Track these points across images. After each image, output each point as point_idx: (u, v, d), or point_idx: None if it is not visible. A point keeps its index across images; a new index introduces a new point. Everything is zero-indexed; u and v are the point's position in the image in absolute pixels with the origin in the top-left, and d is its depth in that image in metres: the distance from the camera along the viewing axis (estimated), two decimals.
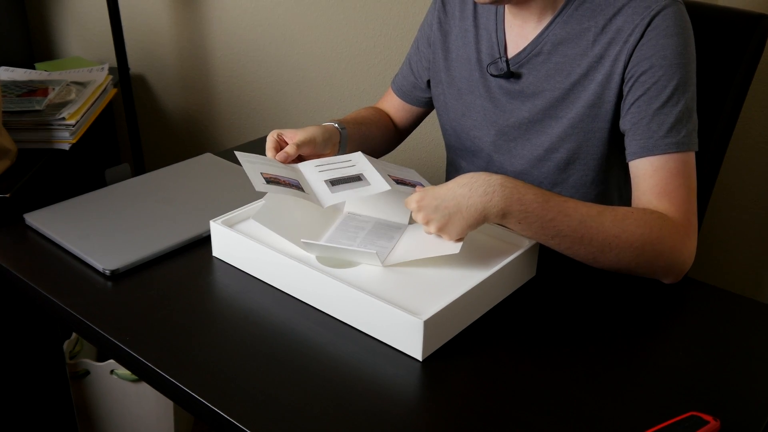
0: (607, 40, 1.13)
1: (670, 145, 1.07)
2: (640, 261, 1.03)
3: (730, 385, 0.88)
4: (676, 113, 1.08)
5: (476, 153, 1.31)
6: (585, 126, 1.17)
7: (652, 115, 1.09)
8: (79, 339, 1.70)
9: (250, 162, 1.09)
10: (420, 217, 1.02)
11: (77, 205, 1.23)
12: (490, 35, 1.25)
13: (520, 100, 1.22)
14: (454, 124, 1.33)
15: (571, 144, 1.19)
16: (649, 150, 1.08)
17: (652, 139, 1.08)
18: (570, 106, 1.17)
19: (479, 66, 1.27)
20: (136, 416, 1.68)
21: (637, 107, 1.10)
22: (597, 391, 0.86)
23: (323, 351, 0.92)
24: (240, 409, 0.82)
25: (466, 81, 1.29)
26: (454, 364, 0.90)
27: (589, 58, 1.15)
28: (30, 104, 1.60)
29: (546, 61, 1.19)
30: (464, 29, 1.29)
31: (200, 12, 2.14)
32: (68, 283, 1.06)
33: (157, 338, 0.94)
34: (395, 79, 1.46)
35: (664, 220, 1.04)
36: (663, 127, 1.08)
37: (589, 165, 1.21)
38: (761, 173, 1.68)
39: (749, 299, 1.06)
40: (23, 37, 2.20)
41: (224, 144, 2.30)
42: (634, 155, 1.10)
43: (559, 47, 1.17)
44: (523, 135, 1.23)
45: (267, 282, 1.05)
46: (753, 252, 1.75)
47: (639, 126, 1.10)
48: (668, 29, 1.08)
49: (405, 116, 1.46)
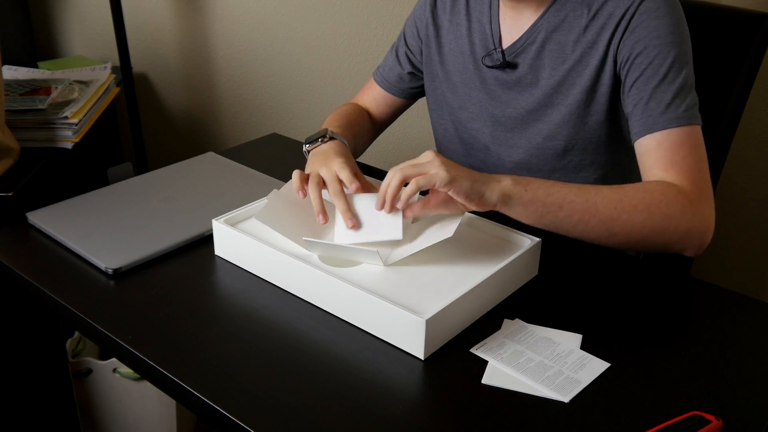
0: (600, 25, 1.14)
1: (670, 120, 1.09)
2: (654, 225, 1.03)
3: (732, 384, 0.88)
4: (674, 89, 1.10)
5: (473, 145, 1.31)
6: (582, 112, 1.18)
7: (650, 93, 1.10)
8: (81, 337, 1.71)
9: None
10: (437, 162, 0.98)
11: (80, 203, 1.23)
12: (484, 27, 1.26)
13: (516, 90, 1.23)
14: (452, 118, 1.33)
15: (569, 131, 1.20)
16: (649, 127, 1.10)
17: (651, 117, 1.10)
18: (566, 93, 1.18)
19: (473, 59, 1.27)
20: (138, 415, 1.68)
21: (636, 89, 1.12)
22: (599, 391, 0.86)
23: (325, 349, 0.92)
24: (242, 408, 0.82)
25: (460, 74, 1.30)
26: (456, 363, 0.90)
27: (582, 44, 1.16)
28: (33, 103, 1.61)
29: (541, 50, 1.20)
30: (456, 23, 1.30)
31: (203, 11, 2.15)
32: (71, 281, 1.06)
33: (159, 337, 0.94)
34: (378, 70, 1.44)
35: (668, 186, 1.06)
36: (662, 103, 1.10)
37: (588, 149, 1.21)
38: (764, 172, 1.67)
39: (752, 299, 1.06)
40: (26, 36, 2.20)
41: (227, 143, 2.30)
42: (637, 135, 1.12)
43: (553, 35, 1.18)
44: (521, 125, 1.24)
45: (269, 281, 1.05)
46: (756, 251, 1.75)
47: (639, 106, 1.12)
48: (658, 10, 1.11)
49: (385, 109, 1.44)
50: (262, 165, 1.38)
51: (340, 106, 1.42)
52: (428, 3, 1.34)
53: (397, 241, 1.05)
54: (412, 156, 1.02)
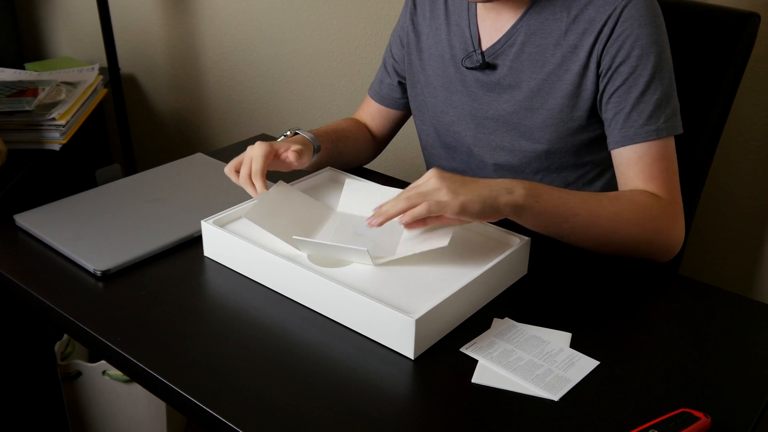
0: (581, 30, 1.15)
1: (651, 133, 1.12)
2: (644, 238, 1.10)
3: (721, 381, 0.88)
4: (655, 100, 1.12)
5: (456, 148, 1.32)
6: (564, 116, 1.19)
7: (632, 104, 1.12)
8: (70, 340, 1.70)
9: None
10: (444, 190, 0.97)
11: (68, 205, 1.23)
12: (463, 31, 1.26)
13: (496, 92, 1.23)
14: (434, 122, 1.33)
15: (551, 134, 1.20)
16: (630, 138, 1.13)
17: (633, 128, 1.12)
18: (546, 96, 1.19)
19: (453, 62, 1.28)
20: (128, 417, 1.68)
21: (617, 97, 1.13)
22: (588, 389, 0.86)
23: (315, 350, 0.92)
24: (232, 409, 0.82)
25: (440, 78, 1.30)
26: (446, 362, 0.90)
27: (562, 47, 1.17)
28: (20, 105, 1.60)
29: (520, 52, 1.20)
30: (435, 27, 1.31)
31: (191, 12, 2.14)
32: (59, 283, 1.05)
33: (148, 339, 0.94)
34: (372, 86, 1.46)
35: (654, 199, 1.11)
36: (643, 115, 1.12)
37: (570, 152, 1.22)
38: (751, 171, 1.68)
39: (740, 296, 1.07)
40: (13, 38, 2.19)
41: (215, 144, 2.30)
42: (617, 144, 1.14)
43: (533, 37, 1.19)
44: (502, 127, 1.24)
45: (258, 281, 1.05)
46: (744, 249, 1.76)
47: (620, 116, 1.13)
48: (641, 18, 1.11)
49: (383, 123, 1.45)
50: None
51: None
52: (408, 11, 1.35)
53: (389, 240, 1.05)
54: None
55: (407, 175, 1.85)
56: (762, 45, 1.54)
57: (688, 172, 1.35)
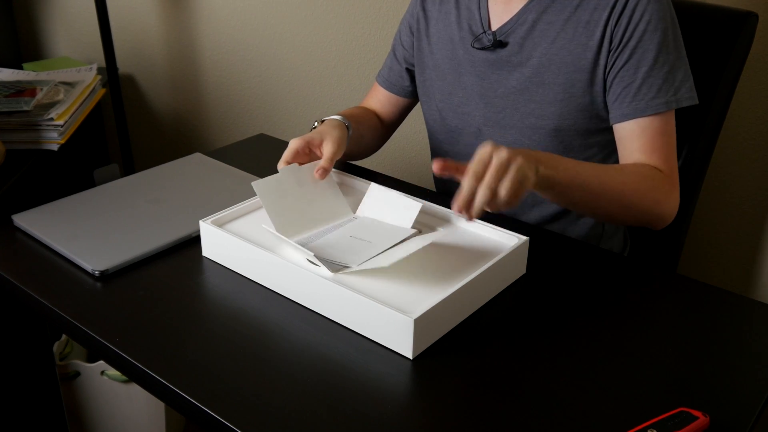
0: (592, 6, 1.17)
1: (657, 106, 1.15)
2: (644, 207, 1.15)
3: (719, 381, 0.88)
4: (663, 75, 1.15)
5: (463, 131, 1.32)
6: (575, 92, 1.20)
7: (641, 78, 1.15)
8: (68, 340, 1.70)
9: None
10: (518, 160, 0.95)
11: (66, 205, 1.23)
12: (473, 13, 1.28)
13: (506, 69, 1.24)
14: (441, 105, 1.34)
15: (561, 110, 1.21)
16: (636, 112, 1.16)
17: (643, 101, 1.16)
18: (556, 72, 1.20)
19: (462, 44, 1.29)
20: (126, 417, 1.68)
21: (626, 71, 1.16)
22: (587, 388, 0.86)
23: (313, 350, 0.92)
24: (230, 410, 0.82)
25: (449, 61, 1.31)
26: (445, 362, 0.90)
27: (573, 22, 1.18)
28: (18, 105, 1.60)
29: (531, 30, 1.22)
30: (445, 12, 1.32)
31: (189, 11, 2.14)
32: (57, 284, 1.05)
33: (146, 339, 0.94)
34: (380, 73, 1.47)
35: (655, 171, 1.16)
36: (653, 89, 1.15)
37: (578, 132, 1.23)
38: (749, 170, 1.68)
39: (738, 295, 1.07)
40: (11, 38, 2.19)
41: (214, 144, 2.30)
42: (623, 117, 1.17)
43: (544, 15, 1.21)
44: (512, 105, 1.25)
45: (257, 281, 1.05)
46: (742, 248, 1.76)
47: (630, 89, 1.16)
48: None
49: (392, 110, 1.47)
50: (249, 166, 1.38)
51: None
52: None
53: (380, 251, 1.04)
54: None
55: (407, 175, 1.85)
56: (760, 44, 1.54)
57: (687, 172, 1.36)
